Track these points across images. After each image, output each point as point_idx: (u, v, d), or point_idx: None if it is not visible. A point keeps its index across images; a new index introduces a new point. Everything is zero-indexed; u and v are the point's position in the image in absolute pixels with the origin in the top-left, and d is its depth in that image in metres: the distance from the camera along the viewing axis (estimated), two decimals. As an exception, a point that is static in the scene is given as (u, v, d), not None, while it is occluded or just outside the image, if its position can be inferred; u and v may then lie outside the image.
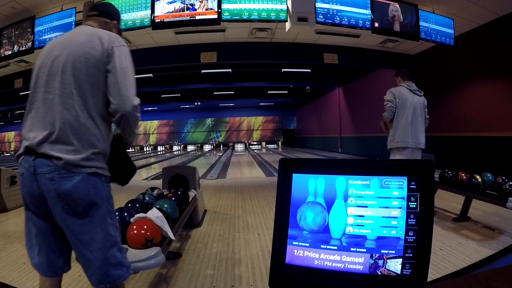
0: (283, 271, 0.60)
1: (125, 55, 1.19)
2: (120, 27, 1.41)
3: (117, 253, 1.13)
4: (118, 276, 1.12)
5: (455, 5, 5.07)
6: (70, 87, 1.09)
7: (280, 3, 4.32)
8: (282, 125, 24.05)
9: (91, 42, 1.14)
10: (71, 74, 1.09)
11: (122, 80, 1.13)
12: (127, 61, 1.19)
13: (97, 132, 1.11)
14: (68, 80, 1.09)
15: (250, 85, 14.92)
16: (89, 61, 1.11)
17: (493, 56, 5.56)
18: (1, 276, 2.12)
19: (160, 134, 24.72)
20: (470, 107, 6.12)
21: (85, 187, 1.06)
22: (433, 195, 0.57)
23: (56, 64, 1.11)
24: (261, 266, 2.23)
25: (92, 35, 1.16)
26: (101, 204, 1.10)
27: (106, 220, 1.11)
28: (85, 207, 1.07)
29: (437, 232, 2.80)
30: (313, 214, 0.60)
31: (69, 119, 1.07)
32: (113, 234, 1.13)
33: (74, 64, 1.10)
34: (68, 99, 1.08)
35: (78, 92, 1.09)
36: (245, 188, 5.52)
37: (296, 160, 0.64)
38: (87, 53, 1.11)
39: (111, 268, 1.10)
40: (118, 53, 1.16)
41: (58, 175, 1.04)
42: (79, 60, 1.10)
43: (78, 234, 1.08)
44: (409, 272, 0.55)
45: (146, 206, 2.10)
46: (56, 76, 1.10)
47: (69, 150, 1.05)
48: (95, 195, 1.08)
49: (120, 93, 1.12)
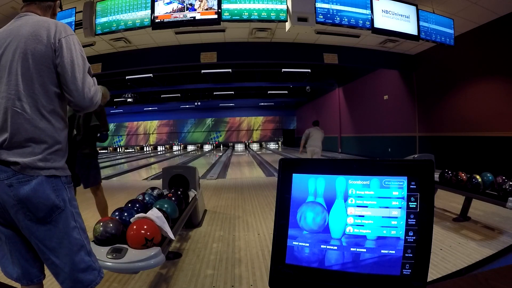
0: (283, 271, 0.60)
1: (74, 45, 1.09)
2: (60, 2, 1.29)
3: (85, 257, 1.08)
4: (90, 281, 1.08)
5: (455, 5, 5.07)
6: (18, 88, 1.01)
7: (280, 3, 4.32)
8: (282, 125, 24.05)
9: (37, 36, 1.04)
10: (18, 74, 1.02)
11: (73, 74, 1.06)
12: (76, 51, 1.09)
13: (52, 131, 1.06)
14: (15, 81, 1.02)
15: (250, 85, 14.94)
16: (36, 58, 1.03)
17: (493, 56, 5.56)
18: (1, 276, 2.11)
19: (160, 134, 24.72)
20: (470, 107, 6.12)
21: (45, 190, 1.01)
22: (433, 195, 0.57)
23: (1, 64, 1.04)
24: (261, 266, 2.23)
25: (37, 26, 1.06)
26: (63, 207, 1.05)
27: (70, 223, 1.06)
28: (47, 211, 1.01)
29: (437, 232, 2.80)
30: (313, 214, 0.60)
31: (21, 122, 1.01)
32: (78, 237, 1.07)
33: (21, 62, 1.02)
34: (17, 101, 1.01)
35: (28, 93, 1.02)
36: (245, 188, 5.52)
37: (296, 160, 0.64)
38: (34, 49, 1.03)
39: (80, 274, 1.06)
40: (66, 45, 1.07)
41: (16, 180, 0.99)
42: (25, 58, 1.02)
43: (43, 240, 1.03)
44: (409, 272, 0.55)
45: (146, 206, 2.10)
46: (3, 78, 1.03)
47: (25, 153, 1.00)
48: (56, 198, 1.03)
49: (75, 88, 1.06)
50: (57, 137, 1.07)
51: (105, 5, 4.48)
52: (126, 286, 1.96)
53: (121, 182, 6.83)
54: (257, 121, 24.37)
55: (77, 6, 4.56)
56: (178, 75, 12.47)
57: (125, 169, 10.42)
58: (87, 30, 4.47)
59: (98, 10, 4.52)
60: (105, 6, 4.48)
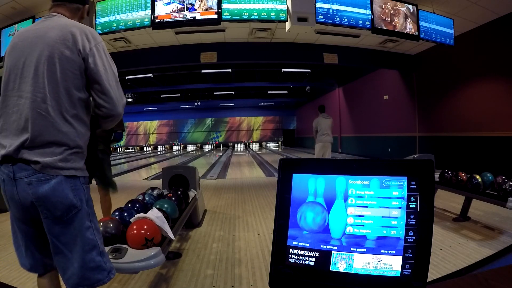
0: (283, 271, 0.60)
1: (104, 53, 1.14)
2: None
3: (96, 257, 1.10)
4: (97, 280, 1.10)
5: (455, 5, 5.07)
6: (44, 91, 1.03)
7: (280, 3, 4.32)
8: (282, 125, 24.05)
9: (65, 40, 1.06)
10: (44, 76, 1.04)
11: (109, 82, 1.10)
12: (107, 59, 1.14)
13: (74, 135, 1.08)
14: (41, 84, 1.03)
15: (250, 85, 14.94)
16: (63, 62, 1.05)
17: (493, 56, 5.56)
18: (1, 276, 2.12)
19: (160, 134, 24.71)
20: (470, 107, 6.12)
21: (64, 189, 1.04)
22: (433, 195, 0.57)
23: (27, 65, 1.05)
24: (261, 266, 2.23)
25: (65, 31, 1.07)
26: (80, 206, 1.08)
27: (85, 223, 1.09)
28: (64, 210, 1.04)
29: (437, 232, 2.80)
30: (313, 214, 0.60)
31: (45, 124, 1.03)
32: (91, 237, 1.10)
33: (47, 65, 1.04)
34: (41, 103, 1.03)
35: (53, 96, 1.04)
36: (245, 188, 5.52)
37: (296, 160, 0.64)
38: (61, 54, 1.05)
39: (89, 272, 1.08)
40: (97, 54, 1.10)
41: (36, 179, 1.01)
42: (52, 61, 1.04)
43: (58, 236, 1.07)
44: (409, 272, 0.55)
45: (146, 206, 2.10)
46: (28, 78, 1.04)
47: (46, 153, 1.03)
48: (74, 198, 1.06)
49: (110, 95, 1.11)
50: (78, 141, 1.10)
51: (105, 5, 4.48)
52: (126, 286, 1.96)
53: (121, 182, 6.82)
54: (257, 121, 24.37)
55: (77, 6, 4.56)
56: (178, 75, 12.47)
57: (125, 169, 10.41)
58: (87, 30, 4.47)
59: (98, 10, 4.52)
60: (105, 6, 4.48)
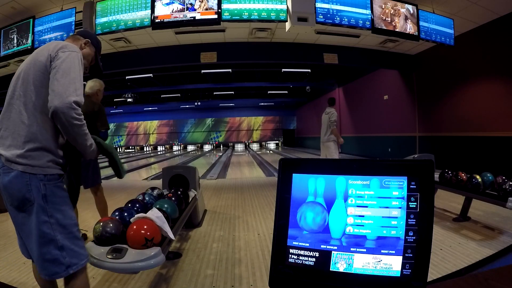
0: (283, 271, 0.60)
1: (71, 58, 1.22)
2: (93, 45, 1.49)
3: (53, 250, 1.13)
4: (54, 272, 1.14)
5: (455, 5, 5.07)
6: (19, 90, 1.20)
7: (280, 3, 4.32)
8: (282, 125, 24.04)
9: (43, 50, 1.25)
10: (21, 78, 1.22)
11: (59, 78, 1.16)
12: (71, 63, 1.21)
13: (36, 130, 1.16)
14: (18, 85, 1.22)
15: (250, 85, 14.92)
16: (36, 66, 1.21)
17: (493, 56, 5.56)
18: (1, 276, 2.12)
19: (160, 134, 24.70)
20: (470, 107, 6.12)
21: (18, 183, 1.12)
22: (433, 195, 0.57)
23: (18, 74, 1.26)
24: (261, 266, 2.23)
25: (49, 44, 1.28)
26: (33, 201, 1.13)
27: (40, 217, 1.13)
28: (19, 202, 1.13)
29: (437, 232, 2.80)
30: (313, 214, 0.60)
31: (14, 117, 1.17)
32: (48, 231, 1.13)
33: (26, 70, 1.23)
34: (16, 100, 1.19)
35: (24, 93, 1.19)
36: (245, 188, 5.52)
37: (296, 160, 0.64)
38: (36, 60, 1.22)
39: (46, 263, 1.14)
40: (62, 56, 1.21)
41: (2, 169, 1.14)
42: (29, 66, 1.23)
43: (20, 225, 1.17)
44: (409, 272, 0.55)
45: (146, 206, 2.09)
46: (16, 85, 1.23)
47: (8, 146, 1.15)
48: (27, 192, 1.12)
49: (53, 88, 1.15)
50: (40, 135, 1.17)
51: (105, 5, 4.48)
52: (126, 286, 1.96)
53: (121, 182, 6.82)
54: (257, 121, 24.36)
55: (77, 6, 4.56)
56: (178, 75, 12.46)
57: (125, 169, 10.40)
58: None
59: (98, 10, 4.52)
60: (105, 6, 4.48)
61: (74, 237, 1.19)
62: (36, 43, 4.82)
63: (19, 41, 4.98)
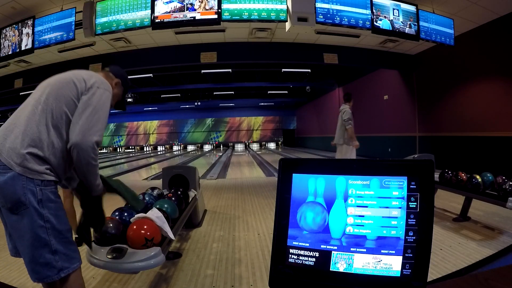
0: (283, 271, 0.60)
1: (104, 98, 1.27)
2: (123, 86, 1.55)
3: (46, 254, 1.13)
4: (46, 276, 1.13)
5: (455, 5, 5.07)
6: (44, 97, 1.20)
7: (280, 3, 4.32)
8: (282, 125, 24.04)
9: (79, 75, 1.28)
10: (50, 87, 1.23)
11: (88, 114, 1.19)
12: (102, 103, 1.25)
13: (45, 138, 1.15)
14: (45, 92, 1.22)
15: (250, 85, 14.92)
16: (68, 86, 1.23)
17: (493, 56, 5.56)
18: (1, 276, 2.12)
19: (160, 134, 24.70)
20: (470, 107, 6.12)
21: (14, 185, 1.09)
22: (433, 195, 0.57)
23: (49, 82, 1.27)
24: (261, 266, 2.23)
25: (86, 72, 1.32)
26: (28, 205, 1.10)
27: (36, 221, 1.11)
28: (12, 204, 1.10)
29: (437, 232, 2.80)
30: (313, 214, 0.60)
31: (29, 117, 1.16)
32: (43, 236, 1.12)
33: (58, 84, 1.24)
34: (37, 104, 1.19)
35: (46, 103, 1.19)
36: (245, 188, 5.52)
37: (296, 160, 0.64)
38: (70, 81, 1.24)
39: (38, 266, 1.13)
40: (96, 93, 1.25)
41: None
42: (62, 84, 1.24)
43: (11, 227, 1.14)
44: (409, 272, 0.55)
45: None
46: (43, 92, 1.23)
47: (13, 139, 1.13)
48: (23, 195, 1.10)
49: (79, 123, 1.17)
50: (46, 146, 1.16)
51: (105, 5, 4.48)
52: (126, 286, 1.96)
53: (121, 182, 6.82)
54: (257, 121, 24.36)
55: (77, 6, 4.56)
56: (178, 75, 12.46)
57: (125, 169, 10.41)
58: (87, 30, 4.47)
59: (98, 10, 4.52)
60: (105, 6, 4.48)
61: (68, 242, 1.19)
62: (36, 43, 4.82)
63: (19, 41, 4.98)
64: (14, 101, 14.61)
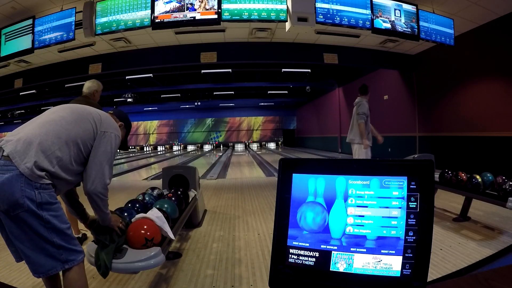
0: (283, 271, 0.60)
1: (115, 143, 1.42)
2: (125, 128, 1.67)
3: (50, 249, 1.16)
4: (51, 267, 1.16)
5: (455, 5, 5.07)
6: (65, 115, 1.32)
7: (280, 3, 4.32)
8: (282, 125, 24.04)
9: (95, 114, 1.41)
10: (69, 110, 1.36)
11: (103, 161, 1.33)
12: (114, 146, 1.40)
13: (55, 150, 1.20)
14: (67, 112, 1.34)
15: (250, 85, 14.92)
16: (87, 115, 1.37)
17: (493, 56, 5.56)
18: (1, 276, 2.11)
19: (160, 134, 24.71)
20: (470, 107, 6.12)
21: (12, 186, 1.08)
22: (433, 195, 0.57)
23: (69, 106, 1.42)
24: (261, 266, 2.23)
25: (104, 113, 1.50)
26: (27, 207, 1.09)
27: (36, 223, 1.12)
28: (9, 205, 1.07)
29: (437, 232, 2.80)
30: (313, 214, 0.60)
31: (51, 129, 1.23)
32: (45, 235, 1.14)
33: (78, 109, 1.39)
34: (60, 120, 1.29)
35: (67, 121, 1.30)
36: (245, 188, 5.52)
37: (296, 160, 0.64)
38: (90, 113, 1.39)
39: (42, 259, 1.14)
40: (110, 138, 1.38)
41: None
42: (80, 116, 1.36)
43: (9, 229, 1.13)
44: (409, 272, 0.55)
45: (146, 206, 2.09)
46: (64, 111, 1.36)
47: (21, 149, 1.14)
48: (21, 198, 1.08)
49: (97, 169, 1.31)
50: (59, 168, 1.21)
51: (105, 5, 4.48)
52: (126, 286, 1.96)
53: (121, 182, 6.82)
54: (257, 121, 24.36)
55: (77, 6, 4.56)
56: (178, 75, 12.46)
57: (125, 169, 10.41)
58: (87, 30, 4.47)
59: (98, 10, 4.52)
60: (105, 6, 4.48)
61: (70, 238, 1.22)
62: (36, 43, 4.82)
63: (19, 41, 4.98)
64: (14, 101, 14.61)
